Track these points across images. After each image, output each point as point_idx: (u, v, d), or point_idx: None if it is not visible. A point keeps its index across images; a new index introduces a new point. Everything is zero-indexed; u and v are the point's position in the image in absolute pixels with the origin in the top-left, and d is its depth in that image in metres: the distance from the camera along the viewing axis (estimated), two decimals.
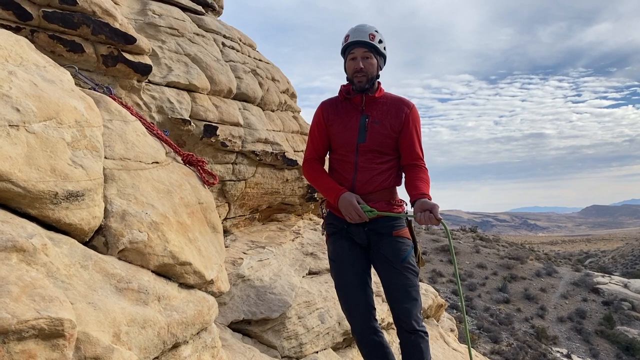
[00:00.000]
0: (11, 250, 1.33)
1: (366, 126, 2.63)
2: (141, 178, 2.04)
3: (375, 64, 2.61)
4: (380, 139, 2.62)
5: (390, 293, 2.62)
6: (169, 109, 3.39)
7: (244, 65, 4.58)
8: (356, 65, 2.58)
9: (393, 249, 2.58)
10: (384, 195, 2.65)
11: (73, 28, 2.63)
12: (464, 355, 5.14)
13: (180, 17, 4.06)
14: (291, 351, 3.40)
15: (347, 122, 2.68)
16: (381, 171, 2.63)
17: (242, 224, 4.55)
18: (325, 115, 2.76)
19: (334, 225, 2.74)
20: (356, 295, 2.63)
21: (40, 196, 1.52)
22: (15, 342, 1.16)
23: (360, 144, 2.63)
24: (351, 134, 2.65)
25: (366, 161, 2.63)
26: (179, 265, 1.92)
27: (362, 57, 2.58)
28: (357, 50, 2.58)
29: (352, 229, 2.66)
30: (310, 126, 2.86)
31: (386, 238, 2.61)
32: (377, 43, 2.58)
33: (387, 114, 2.65)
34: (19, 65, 1.80)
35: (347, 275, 2.67)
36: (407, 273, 2.56)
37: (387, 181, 2.65)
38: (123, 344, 1.48)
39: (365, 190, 2.62)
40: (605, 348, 27.44)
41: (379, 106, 2.67)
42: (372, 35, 2.56)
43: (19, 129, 1.53)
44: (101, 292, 1.55)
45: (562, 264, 44.25)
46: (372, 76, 2.61)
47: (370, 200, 2.61)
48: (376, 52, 2.60)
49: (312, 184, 2.88)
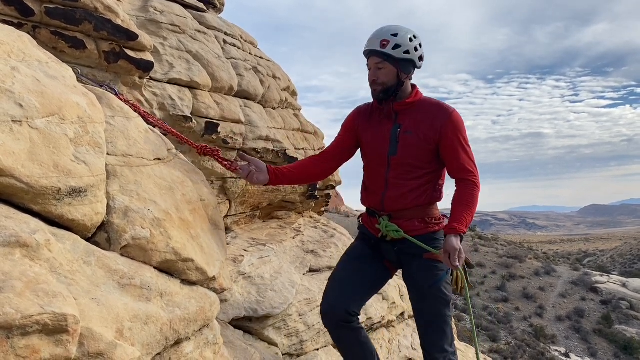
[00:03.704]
0: (14, 245, 1.33)
1: (397, 137, 2.40)
2: (143, 175, 2.04)
3: (391, 72, 2.36)
4: (413, 151, 2.39)
5: (417, 321, 2.47)
6: (171, 105, 3.39)
7: (245, 63, 4.58)
8: (369, 77, 2.41)
9: (422, 273, 2.38)
10: (418, 213, 2.43)
11: (75, 24, 2.63)
12: (464, 353, 5.15)
13: (182, 14, 4.06)
14: (292, 348, 3.41)
15: (379, 131, 2.47)
16: (414, 187, 2.41)
17: (243, 222, 4.56)
18: (357, 123, 2.59)
19: (364, 234, 2.62)
20: (341, 288, 2.45)
21: (43, 192, 1.51)
22: (19, 337, 1.16)
23: (391, 156, 2.41)
24: (382, 145, 2.45)
25: (397, 176, 2.42)
26: (182, 261, 1.92)
27: (375, 67, 2.38)
28: (371, 61, 2.39)
29: (383, 246, 2.49)
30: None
31: (417, 260, 2.40)
32: (390, 50, 2.31)
33: (421, 122, 2.39)
34: (22, 61, 1.79)
35: (345, 270, 2.53)
36: (435, 301, 2.35)
37: (421, 198, 2.42)
38: (126, 340, 1.48)
39: (395, 208, 2.43)
40: (604, 347, 27.51)
41: (414, 114, 2.42)
42: (384, 41, 2.32)
43: (22, 124, 1.53)
44: (104, 288, 1.55)
45: (561, 263, 44.33)
46: (389, 86, 2.38)
47: (401, 218, 2.42)
48: (392, 60, 2.34)
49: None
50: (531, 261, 40.30)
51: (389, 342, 4.40)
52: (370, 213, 2.56)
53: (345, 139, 2.62)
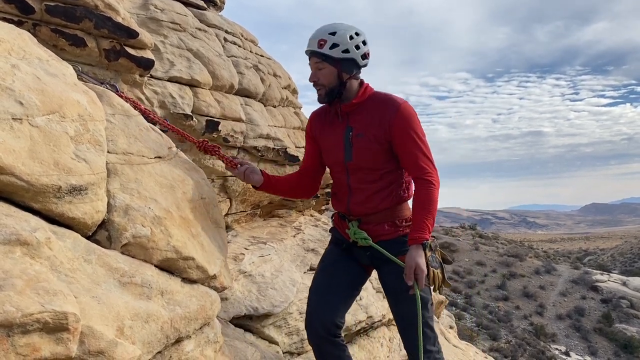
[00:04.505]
0: (15, 243, 1.33)
1: (350, 141, 2.31)
2: (144, 173, 2.04)
3: (331, 72, 2.25)
4: (367, 154, 2.29)
5: (397, 324, 2.42)
6: (171, 104, 3.39)
7: (246, 61, 4.57)
8: (310, 78, 2.31)
9: (395, 278, 2.27)
10: (386, 216, 2.35)
11: (75, 22, 2.62)
12: (464, 351, 5.16)
13: (182, 12, 4.05)
14: (292, 347, 3.41)
15: (334, 136, 2.39)
16: (377, 190, 2.33)
17: (243, 220, 4.55)
18: (314, 129, 2.52)
19: (336, 238, 2.57)
20: (324, 300, 2.38)
21: (44, 190, 1.51)
22: (19, 335, 1.16)
23: (348, 162, 2.33)
24: (337, 151, 2.37)
25: (358, 181, 2.35)
26: (182, 260, 1.92)
27: (315, 68, 2.28)
28: (311, 61, 2.29)
29: (355, 250, 2.43)
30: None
31: (389, 265, 2.30)
32: (327, 50, 2.21)
33: (370, 122, 2.29)
34: (22, 59, 1.79)
35: (324, 279, 2.46)
36: (412, 303, 2.22)
37: (386, 201, 2.33)
38: (127, 338, 1.48)
39: (362, 212, 2.36)
40: (604, 346, 27.53)
41: (364, 114, 2.31)
42: (321, 41, 2.22)
43: (22, 122, 1.53)
44: (105, 286, 1.55)
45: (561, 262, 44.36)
46: (331, 87, 2.28)
47: (370, 223, 2.35)
48: (330, 60, 2.23)
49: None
50: (531, 260, 40.31)
51: (390, 341, 4.40)
52: (341, 216, 2.50)
53: (313, 148, 2.56)
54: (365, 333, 4.21)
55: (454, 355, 4.75)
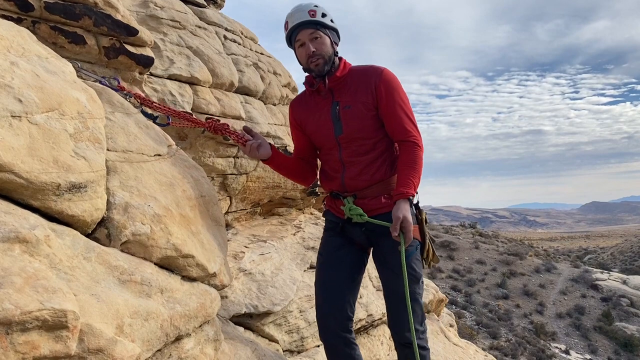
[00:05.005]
0: (14, 241, 1.32)
1: (338, 114, 2.33)
2: (143, 170, 2.03)
3: (327, 41, 2.30)
4: (357, 124, 2.31)
5: (386, 300, 2.39)
6: (171, 101, 3.38)
7: (246, 59, 4.56)
8: (307, 51, 2.28)
9: (392, 251, 2.27)
10: (381, 188, 2.34)
11: (75, 19, 2.61)
12: (464, 350, 5.15)
13: (182, 10, 4.04)
14: (292, 345, 3.41)
15: (319, 116, 2.40)
16: (370, 161, 2.33)
17: (243, 218, 4.55)
18: (296, 117, 2.55)
19: (330, 221, 2.54)
20: (333, 296, 2.37)
21: (43, 187, 1.51)
22: (18, 333, 1.16)
23: (339, 136, 2.35)
24: (326, 128, 2.38)
25: (351, 154, 2.35)
26: (182, 257, 1.92)
27: (310, 39, 2.28)
28: (303, 34, 2.29)
29: (349, 228, 2.42)
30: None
31: (386, 239, 2.28)
32: (320, 18, 2.27)
33: (356, 92, 2.31)
34: (21, 56, 1.78)
35: (329, 273, 2.43)
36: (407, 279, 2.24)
37: (381, 171, 2.34)
38: (126, 336, 1.48)
39: (357, 187, 2.35)
40: (604, 344, 27.54)
41: (348, 86, 2.34)
42: (312, 11, 2.26)
43: (22, 119, 1.52)
44: (104, 284, 1.54)
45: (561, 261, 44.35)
46: (329, 55, 2.30)
47: (366, 197, 2.34)
48: (324, 28, 2.29)
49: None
50: (531, 258, 40.30)
51: (390, 339, 4.40)
52: (334, 195, 2.48)
53: (299, 137, 2.59)
54: (365, 331, 4.21)
55: (454, 354, 4.74)
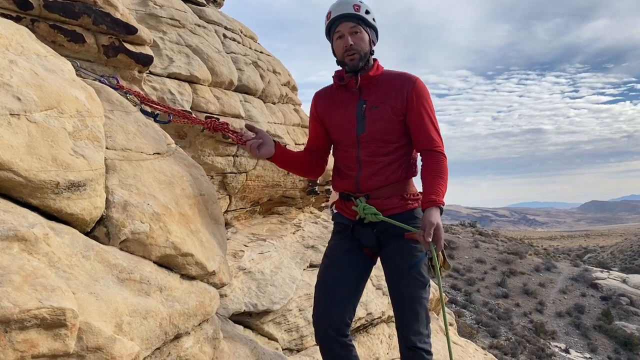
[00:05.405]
0: (13, 239, 1.32)
1: (364, 113, 2.32)
2: (143, 169, 2.03)
3: (366, 38, 2.30)
4: (381, 125, 2.30)
5: (393, 302, 2.39)
6: (170, 100, 3.38)
7: (245, 57, 4.56)
8: (345, 43, 2.27)
9: (402, 254, 2.28)
10: (395, 189, 2.34)
11: (74, 18, 2.61)
12: (464, 348, 5.16)
13: (181, 8, 4.04)
14: (292, 343, 3.41)
15: (344, 112, 2.39)
16: (387, 163, 2.33)
17: (243, 217, 4.55)
18: (319, 108, 2.52)
19: (340, 224, 2.50)
20: (335, 300, 2.33)
21: (42, 186, 1.51)
22: (17, 331, 1.16)
23: (360, 135, 2.33)
24: (349, 125, 2.37)
25: (369, 154, 2.34)
26: (181, 256, 1.92)
27: (350, 32, 2.27)
28: (343, 26, 2.27)
29: (359, 229, 2.39)
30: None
31: (396, 240, 2.29)
32: (364, 14, 2.26)
33: (386, 95, 2.31)
34: (20, 55, 1.78)
35: (334, 274, 2.40)
36: (412, 283, 2.27)
37: (396, 174, 2.33)
38: (125, 335, 1.48)
39: (371, 187, 2.34)
40: (604, 343, 27.57)
41: (378, 87, 2.34)
42: (356, 6, 2.26)
43: (20, 118, 1.52)
44: (103, 283, 1.54)
45: (561, 259, 44.38)
46: (365, 52, 2.30)
47: (379, 197, 2.33)
48: (365, 25, 2.29)
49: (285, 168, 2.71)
50: (531, 257, 40.33)
51: (389, 338, 4.40)
52: (345, 197, 2.45)
53: (318, 130, 2.56)
54: (364, 330, 4.21)
55: (453, 352, 4.75)
